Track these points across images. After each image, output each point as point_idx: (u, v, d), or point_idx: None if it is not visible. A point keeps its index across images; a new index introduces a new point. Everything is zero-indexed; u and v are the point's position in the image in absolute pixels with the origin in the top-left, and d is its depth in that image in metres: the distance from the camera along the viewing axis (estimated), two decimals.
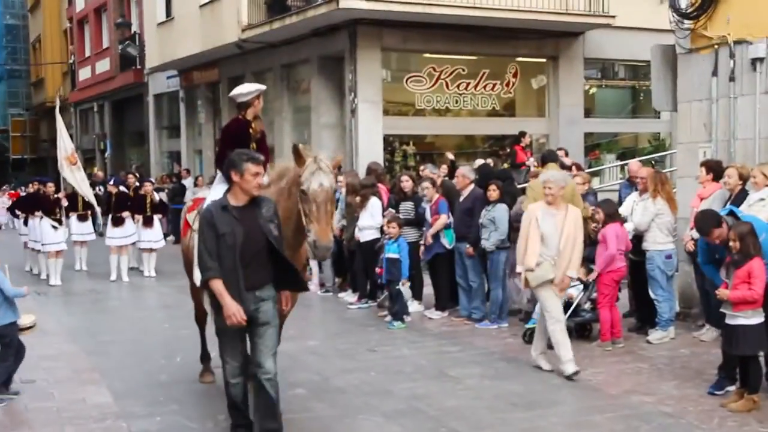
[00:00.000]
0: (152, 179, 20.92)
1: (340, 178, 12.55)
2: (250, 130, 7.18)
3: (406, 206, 11.84)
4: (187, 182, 22.99)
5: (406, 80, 18.78)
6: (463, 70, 19.09)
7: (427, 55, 18.84)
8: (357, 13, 16.85)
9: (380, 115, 17.99)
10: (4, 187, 32.02)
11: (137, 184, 16.80)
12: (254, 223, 5.59)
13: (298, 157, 6.19)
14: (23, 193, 24.56)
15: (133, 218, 16.08)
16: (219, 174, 6.99)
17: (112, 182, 18.91)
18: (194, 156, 27.26)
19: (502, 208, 10.60)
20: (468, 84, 19.20)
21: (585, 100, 20.32)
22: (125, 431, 6.71)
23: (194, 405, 6.46)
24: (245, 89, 7.19)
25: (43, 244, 15.62)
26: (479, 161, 15.53)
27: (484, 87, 19.42)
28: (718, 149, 10.29)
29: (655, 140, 21.43)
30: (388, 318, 11.06)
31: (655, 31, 14.17)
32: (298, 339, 10.23)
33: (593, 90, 21.19)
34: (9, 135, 50.45)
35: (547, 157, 11.05)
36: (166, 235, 18.43)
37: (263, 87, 7.37)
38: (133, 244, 16.38)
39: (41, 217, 15.54)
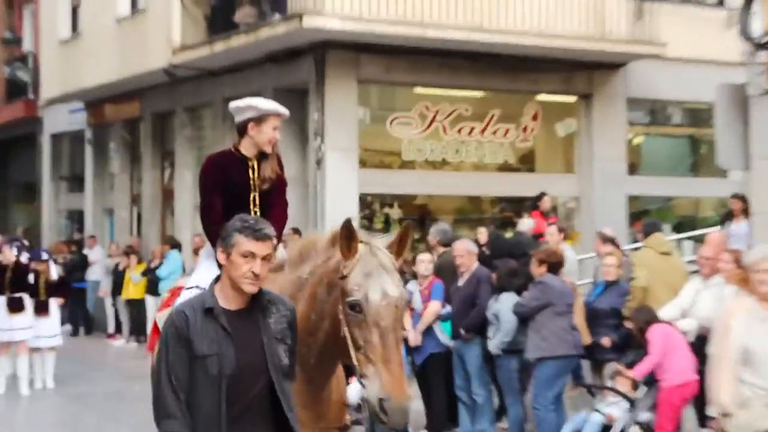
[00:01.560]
0: (45, 251, 19.48)
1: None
2: (250, 173, 6.42)
3: None
4: (94, 253, 22.90)
5: (390, 122, 18.93)
6: (467, 111, 19.26)
7: (419, 89, 19.07)
8: (326, 34, 17.10)
9: (355, 168, 18.07)
10: None
11: (20, 257, 16.28)
12: (254, 342, 4.62)
13: (347, 240, 5.34)
14: None
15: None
16: (207, 245, 6.47)
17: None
18: (103, 217, 27.18)
19: (508, 299, 10.64)
20: (472, 129, 19.34)
21: (628, 152, 20.45)
22: None
23: None
24: (254, 102, 6.46)
25: None
26: (482, 230, 15.61)
27: (494, 133, 19.56)
28: None
29: (722, 207, 21.57)
30: None
31: (722, 64, 14.47)
32: None
33: (639, 139, 21.45)
34: None
35: (650, 228, 11.18)
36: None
37: (286, 112, 6.53)
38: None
39: None
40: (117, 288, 21.70)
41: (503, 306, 10.61)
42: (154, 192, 23.66)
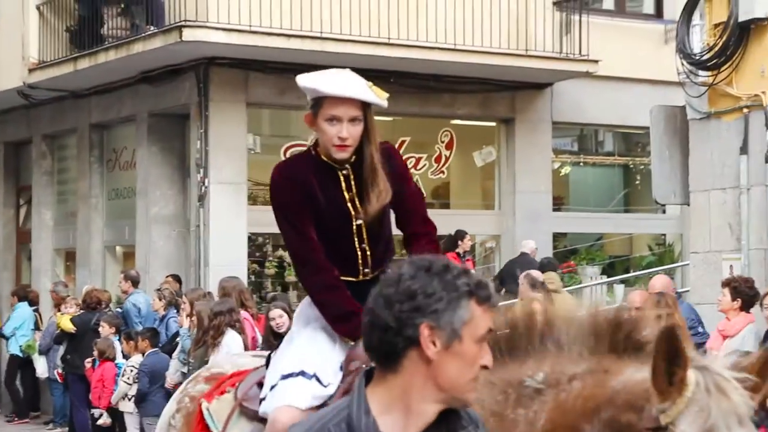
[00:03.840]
0: None
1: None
2: (343, 188, 5.00)
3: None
4: None
5: (284, 151, 18.84)
6: None
7: None
8: (210, 48, 16.97)
9: (244, 204, 17.95)
10: None
11: None
12: None
13: (671, 364, 3.63)
14: None
15: None
16: (303, 305, 5.15)
17: None
18: None
19: None
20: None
21: (554, 183, 20.54)
22: None
23: None
24: (312, 80, 5.00)
25: None
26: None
27: None
28: (750, 262, 10.58)
29: (658, 246, 21.84)
30: None
31: (659, 84, 14.62)
32: None
33: (566, 169, 21.63)
34: None
35: (547, 266, 11.23)
36: None
37: (383, 101, 4.97)
38: None
39: None
40: None
41: None
42: (7, 234, 23.17)
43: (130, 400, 13.72)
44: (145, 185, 19.13)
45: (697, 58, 10.84)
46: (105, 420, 14.54)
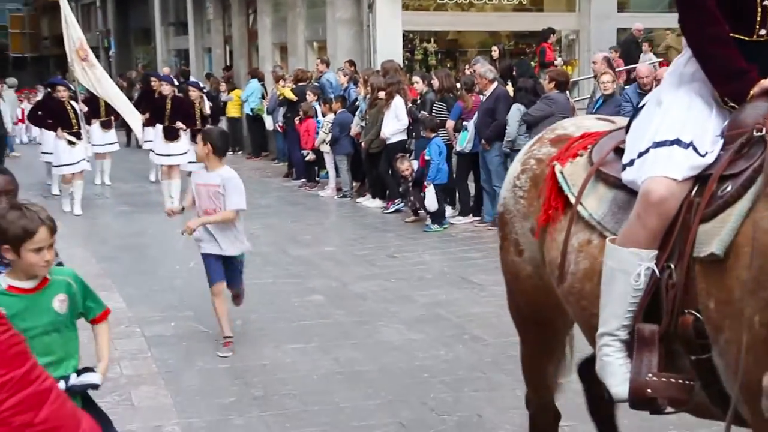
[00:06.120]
0: (199, 83, 16.93)
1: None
2: None
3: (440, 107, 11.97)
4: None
5: None
6: None
7: None
8: None
9: (399, 11, 17.63)
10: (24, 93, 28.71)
11: (170, 87, 14.12)
12: None
13: None
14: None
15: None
16: (678, 63, 3.36)
17: (161, 80, 15.07)
18: (203, 54, 27.00)
19: (515, 111, 10.59)
20: None
21: None
22: (139, 336, 6.84)
23: (209, 310, 6.56)
24: None
25: (55, 165, 13.30)
26: (495, 47, 16.05)
27: None
28: None
29: None
30: (428, 221, 11.08)
31: None
32: (315, 245, 10.32)
33: None
34: (8, 32, 49.98)
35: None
36: None
37: None
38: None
39: (55, 131, 13.11)
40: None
41: (511, 116, 10.54)
42: (242, 34, 23.28)
43: (326, 144, 13.92)
44: None
45: None
46: (310, 157, 14.82)
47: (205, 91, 15.76)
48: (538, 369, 4.05)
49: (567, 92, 10.62)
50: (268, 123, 18.25)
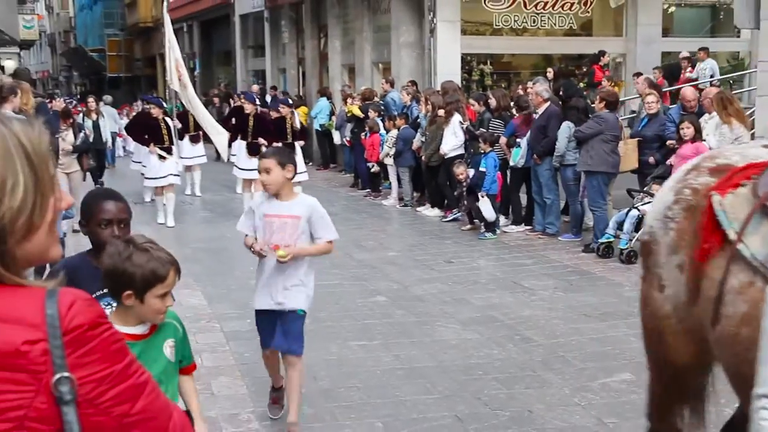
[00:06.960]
0: (289, 99, 16.25)
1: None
2: None
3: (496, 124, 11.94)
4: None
5: (485, 0, 18.31)
6: None
7: None
8: None
9: (458, 35, 17.58)
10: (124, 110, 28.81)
11: (251, 105, 13.79)
12: None
13: None
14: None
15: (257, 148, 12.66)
16: None
17: (244, 98, 15.09)
18: (278, 74, 27.28)
19: (565, 128, 10.44)
20: (546, 3, 18.60)
21: (663, 19, 19.46)
22: (218, 331, 6.92)
23: None
24: None
25: (147, 178, 13.07)
26: (549, 69, 15.60)
27: (562, 6, 18.78)
28: None
29: (733, 59, 20.53)
30: (482, 229, 11.03)
31: None
32: (378, 250, 10.33)
33: (672, 9, 20.30)
34: (106, 54, 51.21)
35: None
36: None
37: None
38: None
39: (148, 145, 12.78)
40: None
41: (560, 133, 10.42)
42: (314, 56, 23.46)
43: (390, 157, 13.93)
44: (397, 23, 18.89)
45: None
46: (375, 169, 14.86)
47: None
48: (667, 408, 3.42)
49: (616, 112, 10.45)
50: (336, 137, 18.35)
